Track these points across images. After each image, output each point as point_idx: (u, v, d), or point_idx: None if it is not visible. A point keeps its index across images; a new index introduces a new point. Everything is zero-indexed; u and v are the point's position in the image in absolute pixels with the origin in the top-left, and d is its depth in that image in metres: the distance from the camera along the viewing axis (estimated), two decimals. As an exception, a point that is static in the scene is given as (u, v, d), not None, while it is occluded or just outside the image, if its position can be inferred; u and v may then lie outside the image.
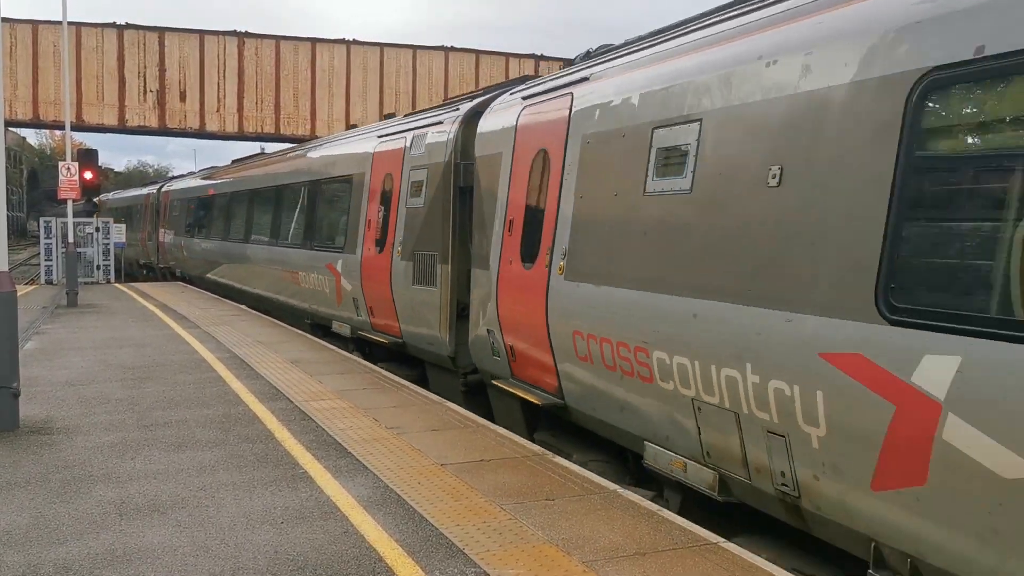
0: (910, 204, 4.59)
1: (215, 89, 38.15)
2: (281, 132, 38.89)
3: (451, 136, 11.20)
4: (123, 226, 33.56)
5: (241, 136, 39.60)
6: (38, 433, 8.18)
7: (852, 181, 4.92)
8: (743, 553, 5.28)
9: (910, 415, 4.40)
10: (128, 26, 37.25)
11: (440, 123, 11.78)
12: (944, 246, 4.54)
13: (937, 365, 4.28)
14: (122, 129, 38.07)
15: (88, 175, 21.90)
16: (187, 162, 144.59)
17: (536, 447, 7.77)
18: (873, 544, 4.81)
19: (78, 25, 35.85)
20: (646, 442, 6.86)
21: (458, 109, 11.59)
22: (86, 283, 27.32)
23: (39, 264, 31.45)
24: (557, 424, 8.80)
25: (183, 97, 37.82)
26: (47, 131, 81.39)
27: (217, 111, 38.26)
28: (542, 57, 40.71)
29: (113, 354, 12.99)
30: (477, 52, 41.56)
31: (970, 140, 4.65)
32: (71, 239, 22.43)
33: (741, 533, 6.13)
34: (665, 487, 6.98)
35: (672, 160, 6.56)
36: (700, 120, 6.25)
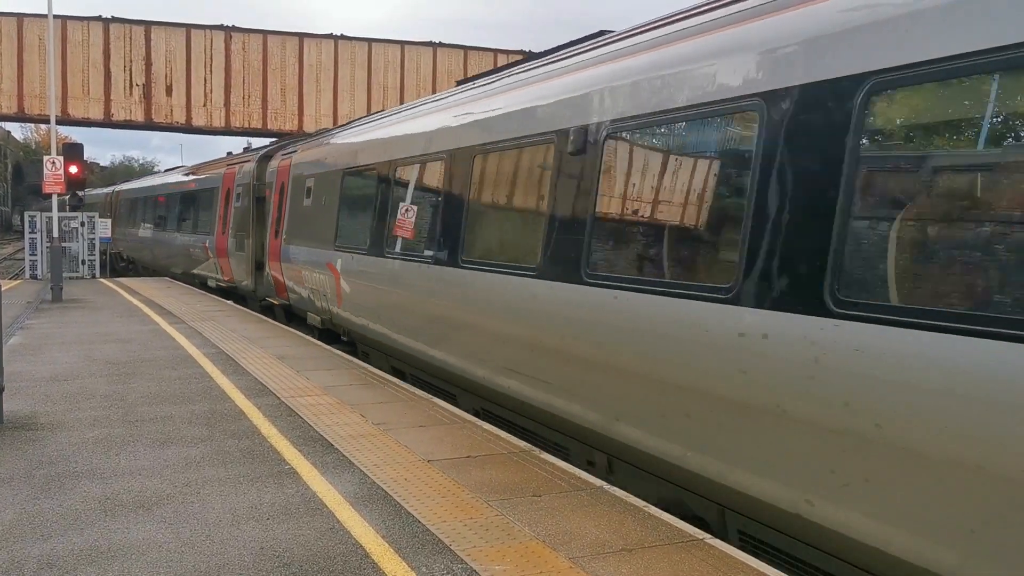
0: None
1: (202, 83, 37.97)
2: (268, 127, 38.75)
3: (253, 169, 20.69)
4: (108, 221, 33.39)
5: (228, 131, 39.42)
6: (22, 429, 8.12)
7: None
8: (729, 549, 5.30)
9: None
10: (114, 19, 37.02)
11: (250, 161, 21.55)
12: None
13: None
14: (108, 123, 37.85)
15: (73, 169, 21.72)
16: (173, 157, 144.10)
17: (523, 443, 7.78)
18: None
19: (64, 18, 35.61)
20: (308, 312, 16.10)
21: (257, 154, 21.53)
22: (71, 278, 27.17)
23: (23, 259, 31.24)
24: (291, 314, 17.62)
25: (169, 91, 37.63)
26: (32, 125, 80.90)
27: (204, 106, 38.10)
28: (530, 53, 40.65)
29: (98, 349, 12.92)
30: (465, 48, 41.53)
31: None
32: (56, 234, 22.30)
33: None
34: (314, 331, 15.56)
35: (315, 191, 15.71)
36: (313, 177, 16.02)
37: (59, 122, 30.82)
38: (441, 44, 41.12)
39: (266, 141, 35.88)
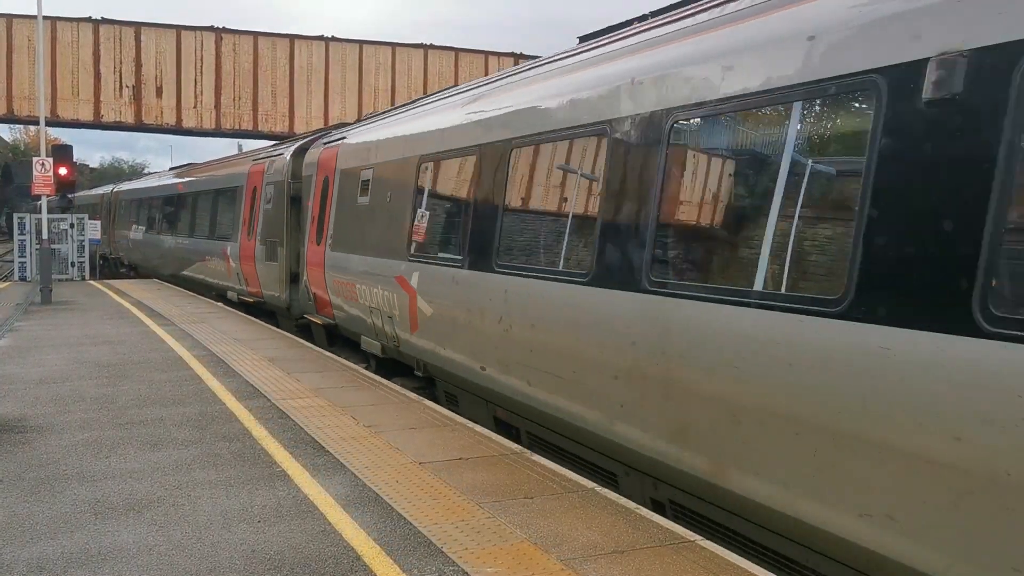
0: None
1: (192, 85, 37.83)
2: (259, 129, 38.64)
3: (287, 163, 17.51)
4: (98, 223, 33.25)
5: (218, 132, 39.28)
6: (12, 431, 8.08)
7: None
8: (720, 551, 5.31)
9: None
10: (104, 21, 36.88)
11: (282, 155, 18.15)
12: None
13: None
14: (98, 124, 37.68)
15: (63, 171, 21.63)
16: (161, 158, 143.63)
17: (515, 446, 7.77)
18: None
19: (53, 19, 35.44)
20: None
21: (291, 146, 18.17)
22: (60, 280, 27.06)
23: (12, 261, 31.08)
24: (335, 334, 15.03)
25: (159, 93, 37.47)
26: (21, 126, 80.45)
27: (194, 107, 37.94)
28: (521, 55, 40.66)
29: (88, 352, 12.87)
30: (456, 50, 41.47)
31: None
32: (45, 235, 22.20)
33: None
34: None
35: (375, 186, 12.62)
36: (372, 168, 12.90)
37: (48, 123, 30.70)
38: (432, 46, 41.06)
39: (257, 143, 35.80)
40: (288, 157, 17.34)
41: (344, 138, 14.82)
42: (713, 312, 5.60)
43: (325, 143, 15.83)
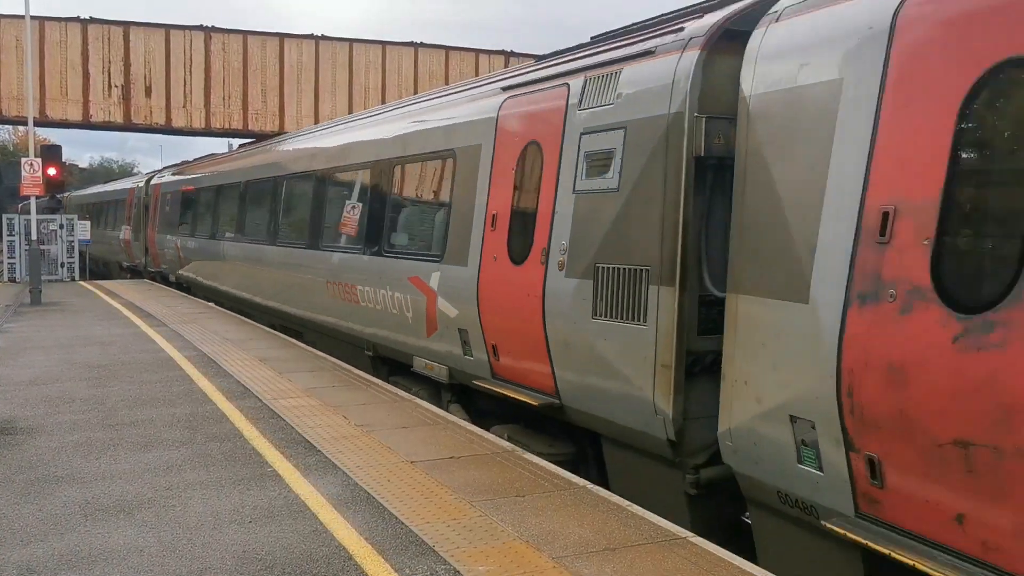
0: None
1: (181, 84, 37.67)
2: (249, 128, 38.50)
3: (683, 74, 6.57)
4: (87, 223, 33.13)
5: (208, 132, 39.13)
6: (1, 433, 8.05)
7: None
8: (711, 547, 5.32)
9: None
10: (92, 20, 36.72)
11: (652, 53, 7.06)
12: None
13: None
14: (87, 125, 37.50)
15: (52, 171, 21.59)
16: (151, 158, 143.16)
17: (506, 444, 7.78)
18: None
19: (42, 19, 35.26)
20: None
21: (693, 23, 6.88)
22: (50, 281, 26.95)
23: (2, 262, 30.96)
24: None
25: (149, 92, 37.31)
26: (9, 127, 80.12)
27: (184, 106, 37.79)
28: (512, 53, 40.63)
29: (78, 353, 12.82)
30: (447, 48, 41.39)
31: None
32: (34, 236, 22.12)
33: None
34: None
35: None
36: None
37: (37, 124, 30.56)
38: (423, 44, 40.99)
39: (246, 143, 35.64)
40: (694, 52, 6.49)
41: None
42: None
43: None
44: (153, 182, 30.33)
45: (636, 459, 7.12)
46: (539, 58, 9.67)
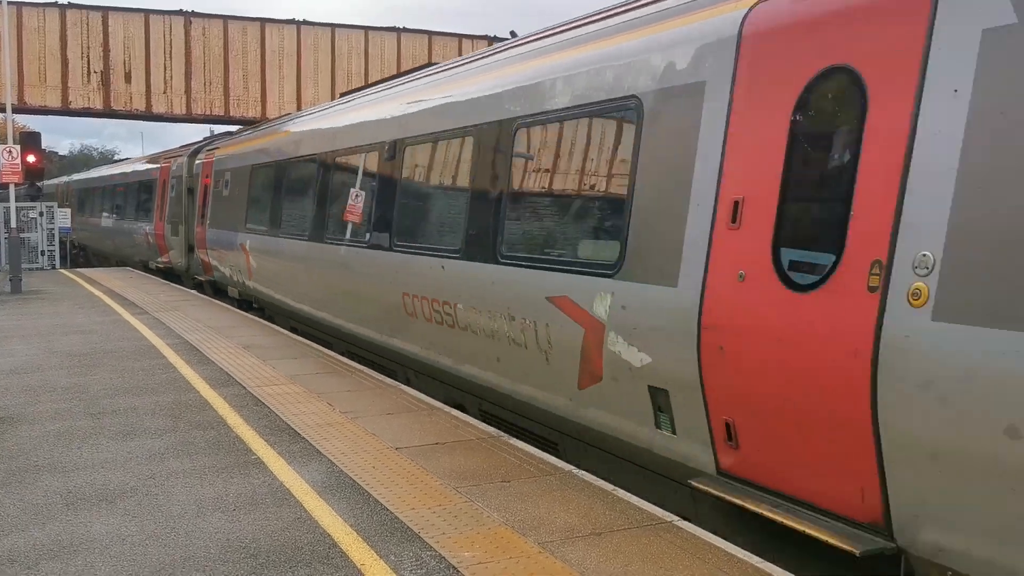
0: None
1: (162, 70, 37.33)
2: (231, 114, 38.23)
3: (184, 163, 22.96)
4: (68, 211, 32.80)
5: (190, 118, 38.82)
6: (-19, 423, 7.97)
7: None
8: (698, 531, 5.33)
9: None
10: (71, 5, 36.29)
11: (181, 156, 23.21)
12: None
13: None
14: (66, 111, 37.14)
15: (31, 158, 21.32)
16: (131, 145, 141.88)
17: (491, 429, 7.76)
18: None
19: (19, 4, 34.84)
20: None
21: (188, 150, 23.28)
22: (31, 269, 26.71)
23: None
24: None
25: (128, 78, 36.95)
26: (-12, 113, 79.32)
27: (164, 93, 37.46)
28: (495, 38, 40.47)
29: (59, 341, 12.70)
30: (430, 33, 41.19)
31: None
32: (14, 224, 21.91)
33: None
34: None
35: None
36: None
37: (16, 110, 30.23)
38: (406, 29, 40.76)
39: (231, 128, 35.35)
40: (186, 158, 9.98)
41: (213, 149, 17.68)
42: None
43: (207, 150, 14.52)
44: (202, 157, 22.18)
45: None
46: None
